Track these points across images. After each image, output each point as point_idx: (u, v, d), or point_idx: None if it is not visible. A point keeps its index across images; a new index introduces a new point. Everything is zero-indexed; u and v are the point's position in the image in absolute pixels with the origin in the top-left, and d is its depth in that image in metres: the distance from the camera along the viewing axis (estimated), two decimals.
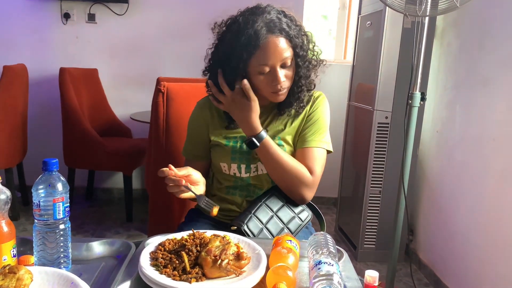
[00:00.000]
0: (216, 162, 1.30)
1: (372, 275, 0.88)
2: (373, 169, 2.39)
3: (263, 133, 1.19)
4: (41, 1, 3.10)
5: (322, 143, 1.26)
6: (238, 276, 0.87)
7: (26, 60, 3.00)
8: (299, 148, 1.26)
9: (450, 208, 2.20)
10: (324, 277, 0.84)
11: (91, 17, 3.16)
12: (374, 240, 2.49)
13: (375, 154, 2.38)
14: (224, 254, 0.88)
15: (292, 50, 1.17)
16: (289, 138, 1.27)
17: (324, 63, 1.29)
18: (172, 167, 1.08)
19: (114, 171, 3.36)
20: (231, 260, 0.88)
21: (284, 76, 1.17)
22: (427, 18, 1.68)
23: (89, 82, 3.13)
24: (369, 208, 2.45)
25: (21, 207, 3.03)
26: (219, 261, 0.87)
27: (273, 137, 1.24)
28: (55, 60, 3.14)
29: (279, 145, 1.23)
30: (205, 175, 1.32)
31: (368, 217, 2.46)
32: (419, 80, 1.75)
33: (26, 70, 2.87)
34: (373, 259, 2.50)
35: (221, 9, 1.22)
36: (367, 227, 2.47)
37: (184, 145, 1.37)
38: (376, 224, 2.46)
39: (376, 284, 0.87)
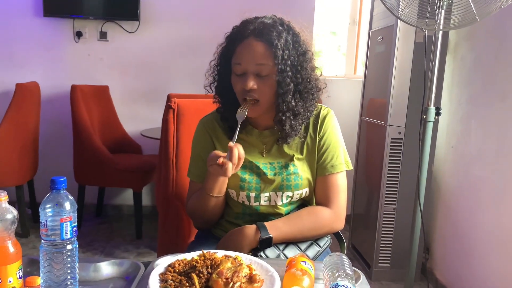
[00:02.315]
0: None
1: None
2: (387, 185, 2.34)
3: (264, 235, 1.11)
4: (55, 20, 3.15)
5: (341, 166, 1.21)
6: None
7: (39, 77, 3.03)
8: (319, 176, 1.21)
9: (468, 225, 2.13)
10: None
11: (103, 35, 3.20)
12: (389, 258, 2.42)
13: (388, 170, 2.33)
14: (236, 277, 0.85)
15: (272, 62, 1.08)
16: (305, 165, 1.20)
17: (321, 89, 1.18)
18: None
19: (124, 188, 3.34)
20: (243, 283, 0.84)
21: (255, 85, 1.09)
22: (440, 32, 1.65)
23: (100, 99, 3.15)
24: (383, 225, 2.38)
25: (31, 224, 3.02)
26: (231, 284, 0.83)
27: (286, 164, 1.18)
28: (67, 77, 3.17)
29: (294, 173, 1.18)
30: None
31: (382, 235, 2.39)
32: (433, 95, 1.71)
33: (38, 88, 2.90)
34: (388, 278, 2.43)
35: (231, 25, 1.20)
36: (381, 245, 2.40)
37: (189, 167, 1.29)
38: (391, 242, 2.40)
39: None
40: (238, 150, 1.04)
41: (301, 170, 1.19)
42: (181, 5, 3.20)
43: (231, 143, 1.04)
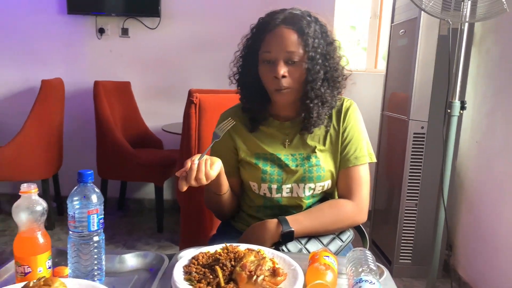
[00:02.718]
0: (245, 180, 1.25)
1: None
2: (409, 181, 2.31)
3: (285, 229, 1.10)
4: (78, 17, 3.21)
5: (364, 158, 1.20)
6: None
7: (62, 74, 3.09)
8: (342, 168, 1.20)
9: (492, 222, 2.09)
10: None
11: (125, 32, 3.24)
12: (410, 255, 2.39)
13: (411, 165, 2.29)
14: (260, 270, 0.85)
15: (302, 49, 1.10)
16: (327, 156, 1.20)
17: (349, 75, 1.20)
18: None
19: (145, 182, 3.39)
20: (266, 276, 0.85)
21: (286, 72, 1.10)
22: (466, 25, 1.61)
23: (122, 94, 3.19)
24: (404, 221, 2.36)
25: (56, 217, 3.09)
26: (254, 277, 0.84)
27: (308, 155, 1.18)
28: (90, 73, 3.22)
29: (316, 165, 1.18)
30: (236, 193, 1.29)
31: (404, 231, 2.37)
32: (458, 88, 1.68)
33: (62, 84, 2.96)
34: (409, 275, 2.40)
35: (252, 20, 1.20)
36: (402, 241, 2.38)
37: None
38: (412, 238, 2.37)
39: None
40: (203, 166, 1.03)
41: (323, 162, 1.18)
42: (202, 1, 3.21)
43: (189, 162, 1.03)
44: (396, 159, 2.42)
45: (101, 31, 3.22)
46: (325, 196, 1.25)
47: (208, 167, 1.03)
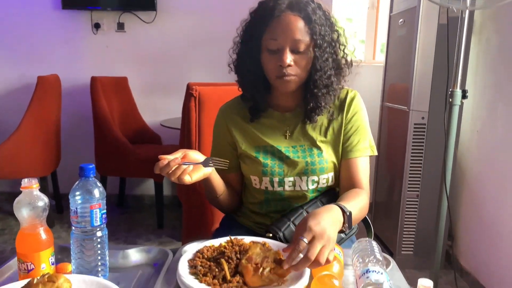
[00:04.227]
0: (246, 175, 1.22)
1: (425, 284, 0.82)
2: (410, 172, 2.30)
3: (348, 214, 0.98)
4: (73, 12, 3.17)
5: (367, 151, 1.19)
6: (280, 285, 0.83)
7: (59, 70, 3.06)
8: (344, 158, 1.18)
9: (494, 211, 2.09)
10: (373, 287, 0.79)
11: (121, 26, 3.20)
12: (412, 246, 2.39)
13: (411, 156, 2.29)
14: (266, 262, 0.84)
15: (309, 37, 1.06)
16: (329, 148, 1.17)
17: (354, 64, 1.17)
18: (163, 156, 0.97)
19: (145, 178, 3.38)
20: (272, 268, 0.84)
21: (292, 61, 1.06)
22: (467, 12, 1.60)
23: (119, 90, 3.17)
24: (406, 213, 2.35)
25: (56, 215, 3.08)
26: (261, 269, 0.83)
27: (310, 147, 1.16)
28: (86, 69, 3.19)
29: (318, 156, 1.15)
30: (237, 188, 1.27)
31: (405, 223, 2.36)
32: (459, 77, 1.67)
33: (59, 80, 2.93)
34: (412, 266, 2.40)
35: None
36: (404, 232, 2.37)
37: (211, 155, 1.27)
38: (414, 229, 2.36)
39: None
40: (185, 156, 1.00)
41: (326, 153, 1.16)
42: None
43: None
44: (397, 150, 2.42)
45: (96, 26, 3.19)
46: (327, 191, 1.22)
47: (185, 173, 0.97)
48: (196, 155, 1.03)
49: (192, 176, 1.00)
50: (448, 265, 2.42)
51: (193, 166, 0.99)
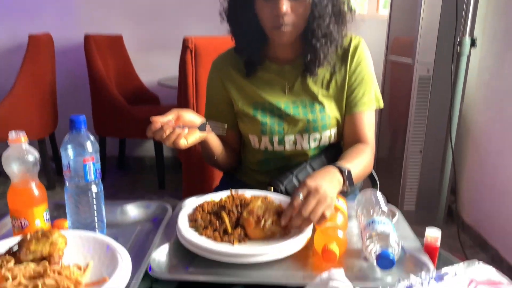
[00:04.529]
0: (244, 134, 1.17)
1: (433, 234, 0.79)
2: (414, 126, 2.26)
3: (346, 174, 0.92)
4: None
5: (373, 104, 1.12)
6: (283, 237, 0.80)
7: (51, 27, 2.95)
8: (349, 114, 1.12)
9: (499, 164, 2.06)
10: (379, 238, 0.76)
11: None
12: (414, 201, 2.38)
13: (416, 110, 2.23)
14: (268, 214, 0.81)
15: None
16: (332, 103, 1.11)
17: (355, 12, 1.08)
18: (155, 117, 0.91)
19: (144, 139, 3.34)
20: (274, 220, 0.81)
21: (288, 7, 0.98)
22: None
23: (114, 49, 3.07)
24: (409, 168, 2.33)
25: (56, 177, 3.07)
26: (263, 221, 0.80)
27: (311, 102, 1.10)
28: (79, 27, 3.07)
29: (321, 112, 1.09)
30: (236, 147, 1.22)
31: (408, 178, 2.34)
32: (468, 24, 1.58)
33: (51, 39, 2.83)
34: (414, 222, 2.36)
35: None
36: (406, 188, 2.36)
37: (205, 114, 1.21)
38: (417, 184, 2.35)
39: (439, 244, 0.79)
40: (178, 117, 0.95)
41: (328, 108, 1.10)
42: None
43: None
44: (401, 105, 2.36)
45: None
46: (331, 146, 1.17)
47: (180, 137, 0.91)
48: (190, 116, 0.97)
49: (188, 139, 0.94)
50: (450, 220, 2.42)
51: (188, 130, 0.94)
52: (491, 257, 2.07)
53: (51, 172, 2.92)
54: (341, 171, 0.92)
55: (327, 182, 0.85)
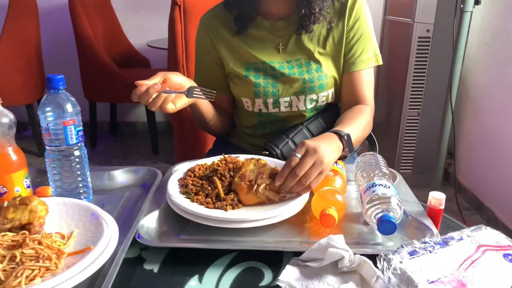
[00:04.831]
0: (236, 96, 1.10)
1: (437, 196, 0.75)
2: (412, 89, 2.20)
3: (346, 140, 0.86)
4: None
5: (372, 61, 1.06)
6: (278, 202, 0.76)
7: None
8: (347, 72, 1.05)
9: (497, 127, 2.02)
10: (380, 201, 0.73)
11: None
12: (411, 164, 2.36)
13: (414, 72, 2.17)
14: (261, 178, 0.77)
15: None
16: (329, 61, 1.04)
17: None
18: (140, 81, 0.84)
19: (136, 104, 3.26)
20: (268, 184, 0.76)
21: None
22: None
23: (101, 10, 2.93)
24: (406, 131, 2.29)
25: None
26: (255, 186, 0.75)
27: (307, 61, 1.03)
28: None
29: (317, 71, 1.03)
30: (228, 111, 1.16)
31: (405, 141, 2.31)
32: None
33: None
34: (410, 185, 2.35)
35: None
36: (403, 151, 2.33)
37: (194, 76, 1.14)
38: (414, 148, 2.32)
39: (443, 207, 0.75)
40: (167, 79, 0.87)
41: (325, 67, 1.04)
42: None
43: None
44: (399, 67, 2.29)
45: None
46: (328, 107, 1.12)
47: (167, 101, 0.85)
48: (178, 78, 0.90)
49: (176, 103, 0.88)
50: (446, 182, 2.41)
51: (175, 94, 0.87)
52: (487, 218, 2.07)
53: (41, 138, 2.85)
54: (340, 136, 0.87)
55: (327, 145, 0.80)
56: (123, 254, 0.64)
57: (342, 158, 0.88)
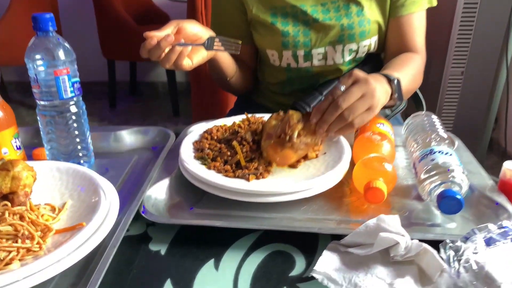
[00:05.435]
0: (261, 48, 0.95)
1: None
2: (457, 44, 1.97)
3: (395, 84, 0.72)
4: None
5: (425, 2, 0.89)
6: (316, 157, 0.63)
7: None
8: (394, 16, 0.88)
9: None
10: (441, 172, 0.58)
11: None
12: (451, 127, 2.17)
13: (460, 26, 1.93)
14: (289, 127, 0.63)
15: None
16: (372, 3, 0.87)
17: None
18: (150, 32, 0.72)
19: (156, 63, 3.13)
20: (301, 129, 0.63)
21: None
22: None
23: None
24: (447, 91, 2.08)
25: None
26: (287, 137, 0.62)
27: (346, 3, 0.86)
28: None
29: (358, 15, 0.86)
30: (253, 63, 1.01)
31: (445, 103, 2.11)
32: None
33: None
34: None
35: None
36: (443, 113, 2.13)
37: (211, 24, 0.98)
38: (454, 109, 2.12)
39: None
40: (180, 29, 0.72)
41: (368, 11, 0.87)
42: None
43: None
44: (442, 20, 2.06)
45: None
46: (369, 58, 0.95)
47: (182, 56, 0.71)
48: (194, 28, 0.74)
49: (193, 58, 0.74)
50: (488, 150, 2.22)
51: (191, 47, 0.72)
52: None
53: None
54: (389, 80, 0.71)
55: (378, 82, 0.65)
56: (123, 232, 0.52)
57: (389, 107, 0.73)
